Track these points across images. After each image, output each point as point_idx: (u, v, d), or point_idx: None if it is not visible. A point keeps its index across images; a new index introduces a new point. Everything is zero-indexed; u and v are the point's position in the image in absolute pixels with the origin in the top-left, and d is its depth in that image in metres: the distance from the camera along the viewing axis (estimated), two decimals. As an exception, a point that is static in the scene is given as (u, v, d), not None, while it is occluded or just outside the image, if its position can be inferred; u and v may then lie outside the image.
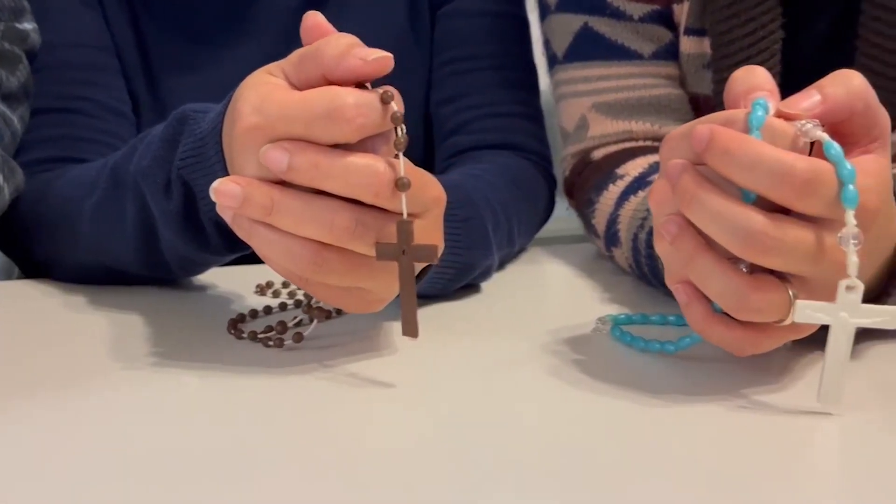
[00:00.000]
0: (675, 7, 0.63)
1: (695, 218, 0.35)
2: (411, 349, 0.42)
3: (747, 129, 0.34)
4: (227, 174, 0.39)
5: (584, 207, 0.62)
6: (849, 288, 0.34)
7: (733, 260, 0.35)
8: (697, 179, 0.35)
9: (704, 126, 0.34)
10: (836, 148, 0.34)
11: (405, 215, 0.36)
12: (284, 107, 0.35)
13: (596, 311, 0.47)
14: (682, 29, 0.63)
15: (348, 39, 0.36)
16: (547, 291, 0.57)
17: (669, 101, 0.63)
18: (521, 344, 0.43)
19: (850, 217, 0.33)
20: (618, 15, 0.63)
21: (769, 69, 0.62)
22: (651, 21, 0.63)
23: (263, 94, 0.36)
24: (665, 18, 0.64)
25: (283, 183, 0.36)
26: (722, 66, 0.62)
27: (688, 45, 0.63)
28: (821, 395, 0.35)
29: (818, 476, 0.31)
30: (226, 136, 0.39)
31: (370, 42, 0.73)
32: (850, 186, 0.33)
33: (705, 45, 0.62)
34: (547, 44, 0.68)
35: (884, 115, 0.37)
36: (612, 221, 0.57)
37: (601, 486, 0.29)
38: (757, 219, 0.34)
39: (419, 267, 0.38)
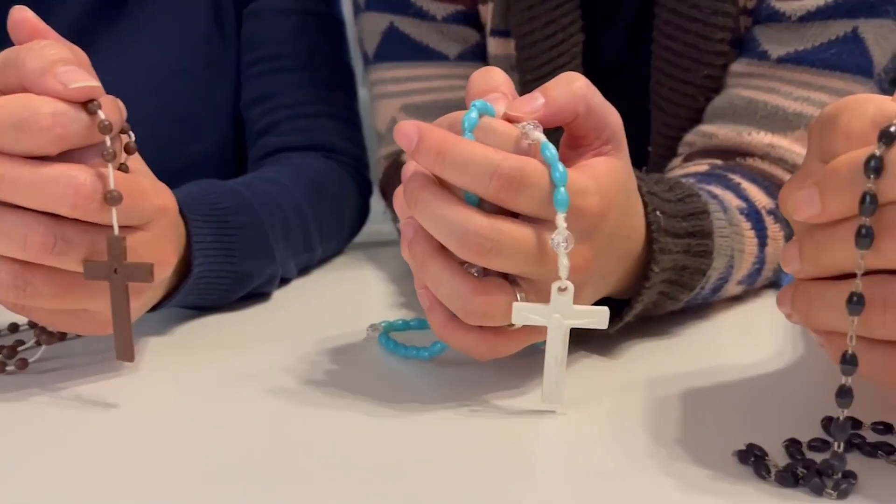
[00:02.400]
0: (481, 8, 0.63)
1: (420, 219, 0.34)
2: (154, 367, 0.40)
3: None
4: None
5: (393, 210, 0.61)
6: (560, 290, 0.33)
7: (468, 264, 0.35)
8: (422, 182, 0.34)
9: (411, 125, 0.33)
10: (550, 150, 0.33)
11: (116, 231, 0.33)
12: None
13: (386, 316, 0.46)
14: (488, 30, 0.63)
15: (53, 52, 0.34)
16: (344, 297, 0.55)
17: (476, 103, 0.63)
18: (279, 356, 0.42)
19: (561, 220, 0.33)
20: (421, 15, 0.62)
21: (571, 70, 0.64)
22: (455, 22, 0.63)
23: None
24: (471, 19, 0.63)
25: None
26: (526, 68, 0.62)
27: (494, 46, 0.63)
28: (544, 396, 0.34)
29: (528, 475, 0.30)
30: None
31: (173, 42, 0.69)
32: (562, 189, 0.33)
33: (511, 46, 0.62)
34: (361, 43, 0.67)
35: (614, 118, 0.37)
36: (411, 224, 0.56)
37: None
38: (474, 219, 0.33)
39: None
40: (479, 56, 0.64)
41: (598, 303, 0.41)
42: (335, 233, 0.61)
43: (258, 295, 0.51)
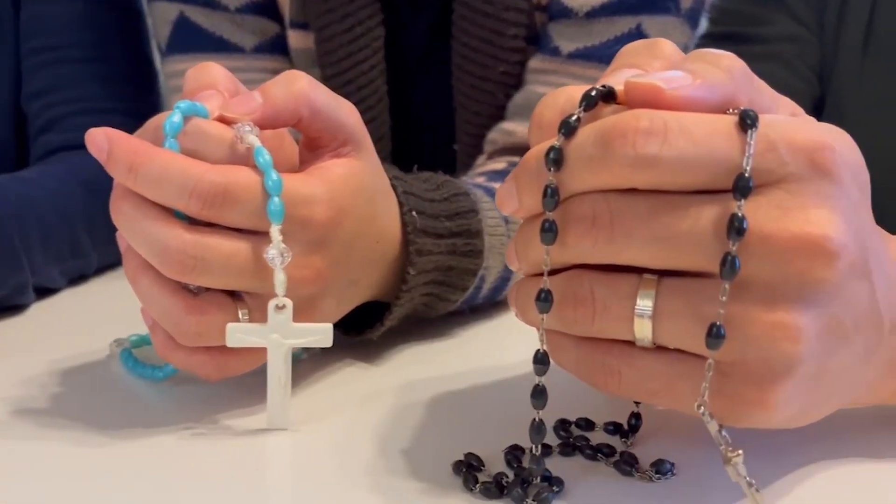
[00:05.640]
0: (279, -1, 0.60)
1: (123, 233, 0.32)
2: None
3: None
4: None
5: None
6: (278, 308, 0.31)
7: (187, 280, 0.32)
8: (124, 191, 0.31)
9: (101, 132, 0.30)
10: (264, 156, 0.31)
11: None
12: None
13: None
14: (287, 22, 0.60)
15: None
16: (113, 307, 0.50)
17: (276, 98, 0.60)
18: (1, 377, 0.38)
19: (275, 232, 0.31)
20: (212, 5, 0.59)
21: (373, 66, 0.62)
22: (251, 12, 0.60)
23: None
24: (268, 10, 0.60)
25: None
26: (326, 63, 0.60)
27: (295, 39, 0.61)
28: (269, 420, 0.32)
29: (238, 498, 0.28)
30: None
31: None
32: (276, 199, 0.31)
33: (312, 40, 0.60)
34: (155, 33, 0.63)
35: (349, 117, 0.35)
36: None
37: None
38: (175, 234, 0.30)
39: None
40: (278, 49, 0.61)
41: (364, 308, 0.39)
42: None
43: (10, 308, 0.47)
